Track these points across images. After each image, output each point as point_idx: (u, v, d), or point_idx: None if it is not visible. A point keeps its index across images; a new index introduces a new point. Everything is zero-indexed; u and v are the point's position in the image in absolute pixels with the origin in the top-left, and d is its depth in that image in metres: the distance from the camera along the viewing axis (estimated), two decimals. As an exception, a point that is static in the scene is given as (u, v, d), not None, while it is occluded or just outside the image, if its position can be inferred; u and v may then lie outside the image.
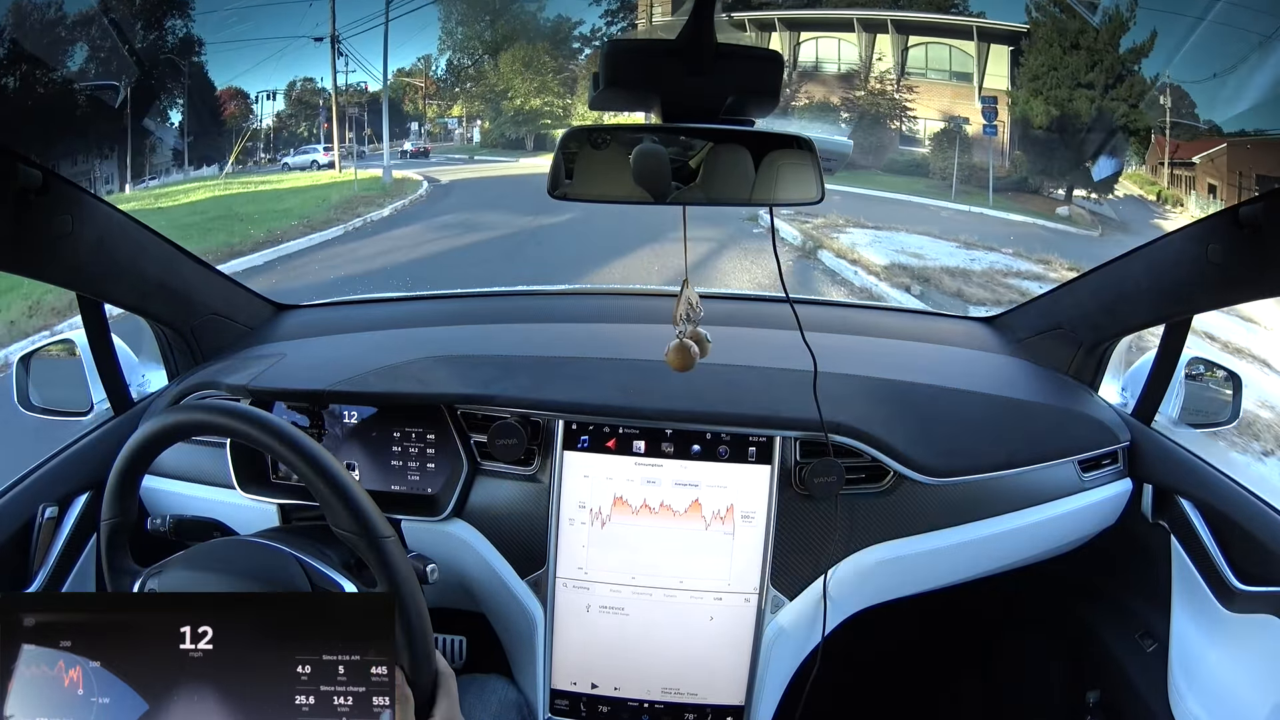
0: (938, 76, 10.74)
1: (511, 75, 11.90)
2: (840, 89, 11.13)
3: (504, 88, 12.07)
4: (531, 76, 11.84)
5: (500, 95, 12.16)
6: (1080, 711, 1.28)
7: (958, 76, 10.60)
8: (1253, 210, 0.89)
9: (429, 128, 12.39)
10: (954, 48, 10.59)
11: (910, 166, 10.80)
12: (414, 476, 1.12)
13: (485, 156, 12.04)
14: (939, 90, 10.71)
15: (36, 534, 1.06)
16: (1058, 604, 1.39)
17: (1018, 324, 1.43)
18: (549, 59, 11.92)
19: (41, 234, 0.91)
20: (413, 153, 11.96)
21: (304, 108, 11.36)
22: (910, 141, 10.94)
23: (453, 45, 12.21)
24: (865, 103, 11.02)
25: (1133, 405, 1.25)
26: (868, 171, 10.79)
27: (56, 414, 1.24)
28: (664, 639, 1.09)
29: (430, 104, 12.36)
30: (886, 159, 10.93)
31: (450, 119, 12.50)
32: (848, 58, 11.12)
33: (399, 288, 2.54)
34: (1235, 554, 1.07)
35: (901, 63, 10.86)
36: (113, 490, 0.76)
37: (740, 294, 1.57)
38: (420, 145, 12.13)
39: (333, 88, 10.91)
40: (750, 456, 1.08)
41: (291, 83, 11.18)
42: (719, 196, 0.78)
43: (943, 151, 10.45)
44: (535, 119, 12.01)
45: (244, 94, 10.72)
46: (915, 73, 10.88)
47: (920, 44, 10.84)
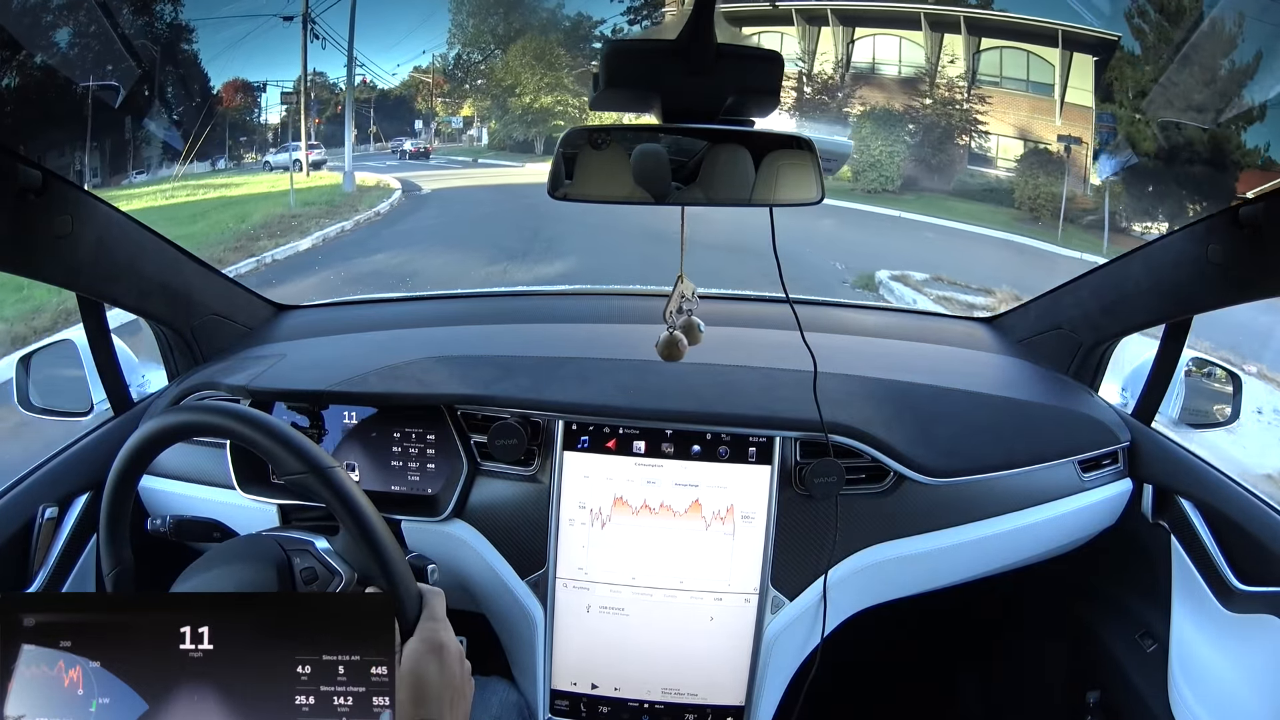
0: (1014, 86, 9.31)
1: (520, 69, 10.86)
2: (901, 95, 9.82)
3: (511, 82, 11.02)
4: (543, 71, 10.81)
5: (507, 91, 11.14)
6: (1080, 711, 1.28)
7: (1036, 87, 9.17)
8: (1253, 210, 0.89)
9: (436, 126, 11.69)
10: (1032, 54, 9.11)
11: (985, 192, 9.33)
12: (414, 477, 1.12)
13: (489, 160, 11.16)
14: (1015, 102, 9.30)
15: (36, 534, 1.06)
16: (1058, 604, 1.39)
17: (1018, 324, 1.43)
18: (563, 52, 10.86)
19: (41, 234, 0.91)
20: (412, 153, 11.13)
21: (314, 103, 10.67)
22: (980, 160, 9.56)
23: (463, 39, 11.27)
24: (932, 113, 9.65)
25: (1133, 405, 1.25)
26: (935, 195, 9.49)
27: (56, 414, 1.24)
28: (664, 639, 1.09)
29: (440, 102, 11.58)
30: (956, 181, 9.61)
31: (455, 118, 11.71)
32: (911, 59, 9.77)
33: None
34: (1235, 554, 1.07)
35: (972, 69, 9.47)
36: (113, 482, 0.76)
37: (740, 294, 1.57)
38: (421, 146, 11.32)
39: (302, 72, 9.85)
40: (750, 457, 1.08)
41: (301, 77, 10.49)
42: (719, 197, 0.78)
43: (1034, 178, 8.89)
44: (546, 119, 10.97)
45: (250, 86, 10.04)
46: (987, 80, 9.45)
47: (994, 48, 9.36)
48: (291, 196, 8.42)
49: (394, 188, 9.75)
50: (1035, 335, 1.37)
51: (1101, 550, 1.23)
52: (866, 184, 9.66)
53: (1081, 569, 1.29)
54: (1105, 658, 1.25)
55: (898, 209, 9.22)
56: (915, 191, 9.62)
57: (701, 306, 1.47)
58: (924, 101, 9.65)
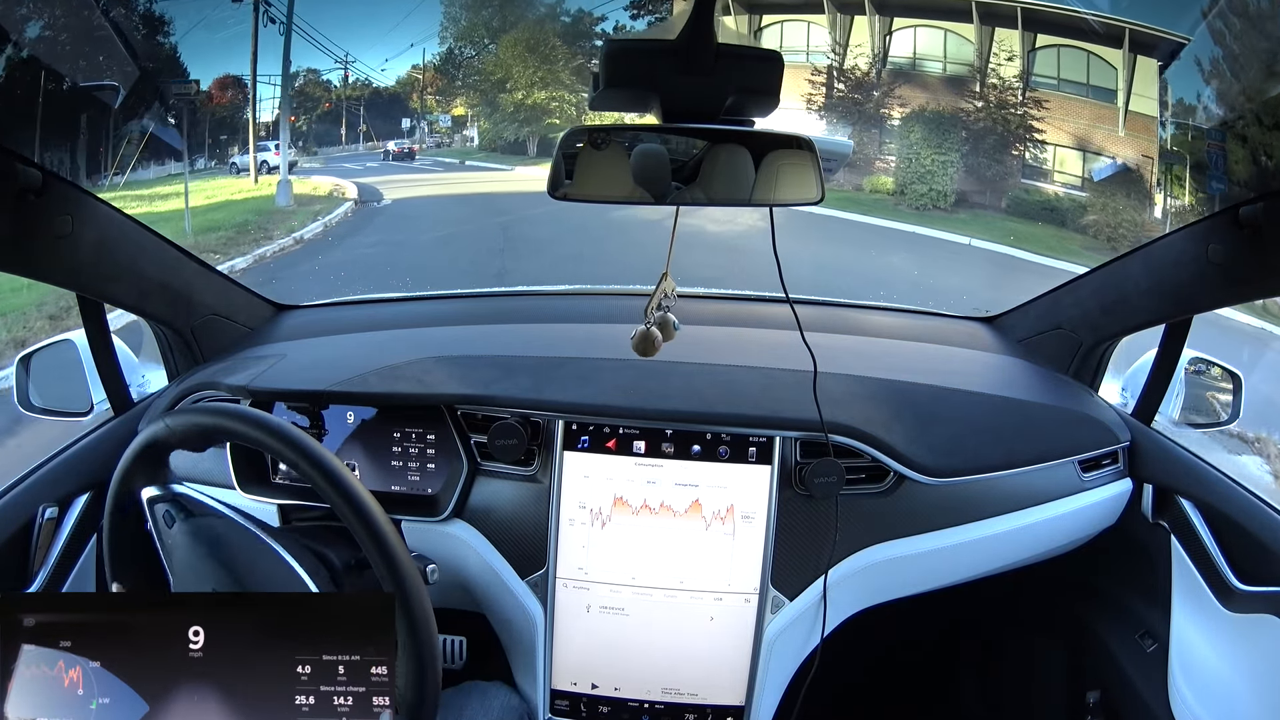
0: (1073, 91, 8.05)
1: (511, 61, 9.76)
2: (947, 96, 8.53)
3: (501, 76, 9.86)
4: (536, 64, 9.72)
5: (497, 86, 9.98)
6: (1080, 711, 1.28)
7: (1097, 92, 7.92)
8: (1253, 210, 0.89)
9: (430, 126, 10.73)
10: (1094, 55, 7.82)
11: (1044, 210, 7.99)
12: (414, 477, 1.12)
13: (477, 162, 10.09)
14: (1075, 108, 8.04)
15: (36, 534, 1.06)
16: (1058, 604, 1.39)
17: (1018, 324, 1.43)
18: (559, 43, 9.81)
19: (41, 234, 0.91)
20: (396, 154, 10.20)
21: (306, 100, 9.92)
22: (1035, 174, 8.27)
23: (455, 32, 10.21)
24: (985, 118, 8.31)
25: (1133, 405, 1.25)
26: (987, 213, 8.21)
27: (56, 414, 1.24)
28: (664, 639, 1.09)
29: (431, 99, 10.59)
30: (1010, 197, 8.28)
31: (443, 116, 10.61)
32: (958, 55, 8.47)
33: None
34: (1235, 554, 1.07)
35: (1027, 68, 8.21)
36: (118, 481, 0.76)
37: (740, 294, 1.57)
38: (405, 147, 10.33)
39: (252, 61, 8.49)
40: (750, 457, 1.08)
41: (294, 74, 9.57)
42: (718, 196, 0.78)
43: (1113, 199, 7.51)
44: (540, 116, 9.87)
45: (240, 83, 9.00)
46: (1044, 82, 8.18)
47: (1051, 45, 8.08)
48: (188, 220, 6.29)
49: (347, 198, 8.51)
50: (1035, 335, 1.37)
51: (1101, 550, 1.23)
52: (914, 199, 8.37)
53: (1081, 569, 1.29)
54: (1105, 658, 1.25)
55: (953, 230, 7.90)
56: (968, 209, 8.29)
57: (702, 306, 1.48)
58: (975, 104, 8.35)
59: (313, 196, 8.43)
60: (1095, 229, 7.52)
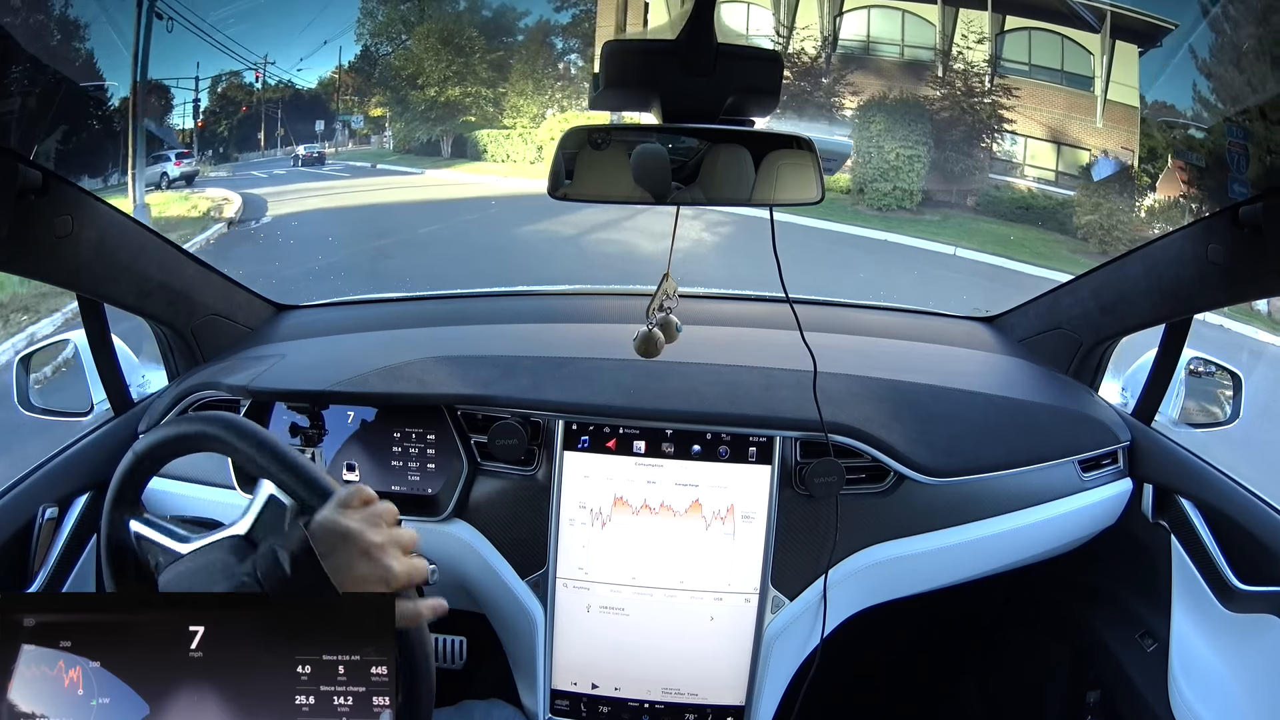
0: (1046, 78, 7.41)
1: (424, 55, 9.08)
2: (905, 83, 7.72)
3: (413, 72, 9.17)
4: (450, 57, 9.06)
5: (408, 83, 9.28)
6: (1080, 711, 1.28)
7: (1073, 79, 7.32)
8: (1253, 210, 0.89)
9: (350, 128, 9.91)
10: (1069, 39, 7.20)
11: (1019, 210, 7.22)
12: (414, 477, 1.12)
13: (389, 165, 9.34)
14: (1048, 97, 7.41)
15: (36, 534, 1.06)
16: (1058, 604, 1.39)
17: (1018, 324, 1.43)
18: (475, 34, 9.10)
19: (41, 234, 0.91)
20: (305, 159, 9.42)
21: (228, 105, 9.01)
22: (1005, 168, 7.59)
23: (372, 28, 9.41)
24: (950, 106, 7.51)
25: (1133, 405, 1.25)
26: (956, 212, 7.41)
27: (56, 414, 1.24)
28: (664, 639, 1.09)
29: (347, 100, 9.75)
30: (981, 195, 7.49)
31: (356, 117, 9.81)
32: (917, 38, 7.74)
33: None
34: (1235, 554, 1.07)
35: (996, 52, 7.48)
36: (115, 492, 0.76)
37: (740, 294, 1.57)
38: (315, 151, 9.51)
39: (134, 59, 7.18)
40: (751, 457, 1.08)
41: (216, 77, 8.71)
42: (718, 196, 0.78)
43: (1102, 197, 6.76)
44: (454, 114, 9.23)
45: (163, 88, 8.23)
46: (1014, 69, 7.47)
47: (1021, 28, 7.41)
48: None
49: (223, 217, 7.53)
50: (1035, 335, 1.37)
51: (1101, 550, 1.23)
52: (876, 199, 7.52)
53: (1081, 569, 1.29)
54: (1105, 658, 1.25)
55: (924, 234, 7.05)
56: (936, 208, 7.46)
57: (702, 306, 1.48)
58: (938, 92, 7.56)
59: (182, 220, 7.32)
60: (1086, 231, 6.88)
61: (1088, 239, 6.81)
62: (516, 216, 7.77)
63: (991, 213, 7.34)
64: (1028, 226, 7.13)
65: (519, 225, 7.49)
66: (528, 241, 7.07)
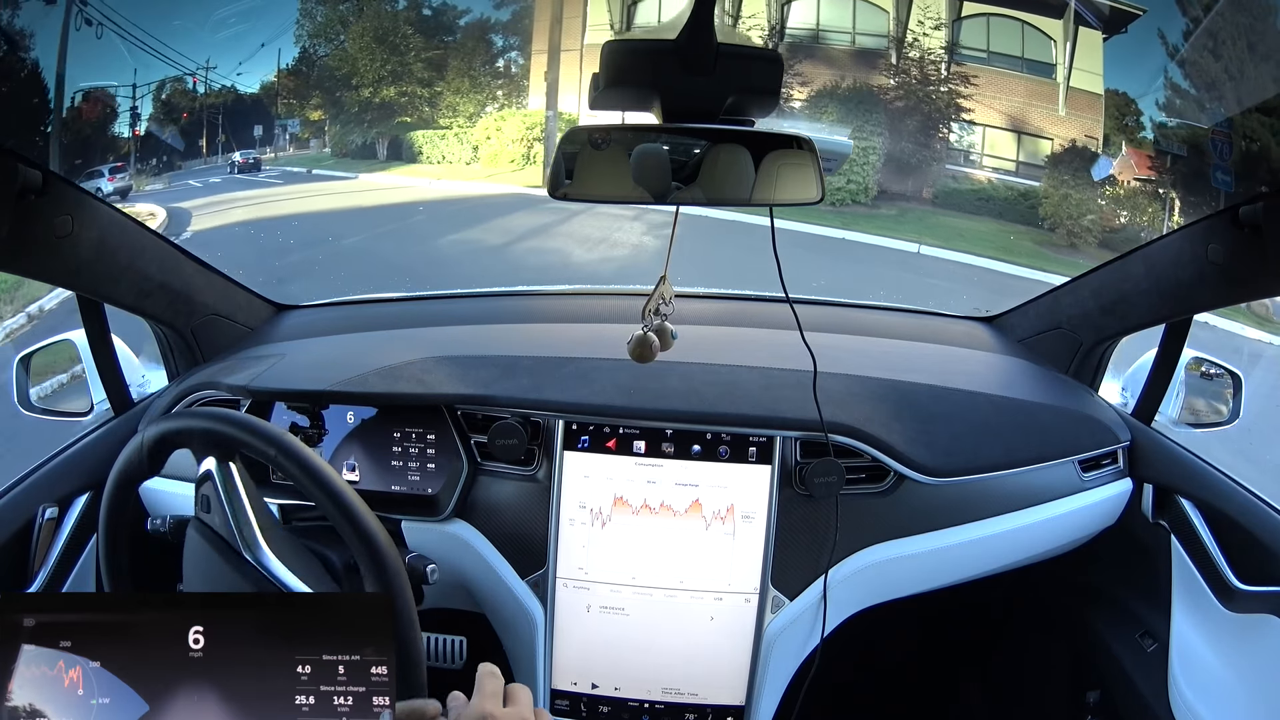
0: (1005, 65, 7.11)
1: (358, 54, 8.66)
2: (857, 72, 7.40)
3: (347, 72, 8.74)
4: (385, 56, 8.67)
5: (342, 84, 8.85)
6: (1080, 711, 1.28)
7: (1033, 66, 7.01)
8: (1253, 210, 0.88)
9: (291, 133, 9.27)
10: (1029, 25, 6.95)
11: (979, 202, 6.94)
12: (414, 477, 1.12)
13: (325, 171, 8.84)
14: (1008, 85, 7.12)
15: (36, 534, 1.06)
16: (1058, 604, 1.39)
17: (1018, 324, 1.43)
18: (411, 31, 8.70)
19: (41, 234, 0.91)
20: (241, 165, 8.93)
21: (171, 112, 8.38)
22: (963, 159, 7.30)
23: (311, 28, 8.89)
24: (905, 95, 7.26)
25: (1133, 405, 1.25)
26: (913, 206, 7.16)
27: (56, 414, 1.24)
28: (664, 639, 1.09)
29: (286, 103, 9.18)
30: (939, 186, 7.24)
31: (293, 120, 9.23)
32: (869, 26, 7.41)
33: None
34: (1235, 554, 1.07)
35: (952, 40, 7.16)
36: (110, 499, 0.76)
37: (740, 294, 1.57)
38: (251, 158, 8.99)
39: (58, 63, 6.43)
40: (750, 456, 1.08)
41: (160, 83, 8.07)
42: (718, 196, 0.78)
43: (1071, 187, 6.51)
44: (389, 115, 8.83)
45: (107, 96, 7.61)
46: (971, 55, 7.14)
47: (979, 14, 7.13)
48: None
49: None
50: (1035, 335, 1.37)
51: (1101, 550, 1.23)
52: (830, 194, 6.86)
53: (1081, 569, 1.29)
54: (1105, 658, 1.25)
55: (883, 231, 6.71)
56: (893, 203, 7.10)
57: (702, 306, 1.48)
58: (891, 82, 7.24)
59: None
60: (1053, 221, 6.55)
61: (1055, 229, 6.58)
62: (441, 225, 7.38)
63: (950, 205, 7.07)
64: (989, 219, 6.89)
65: (443, 235, 7.06)
66: (448, 255, 6.55)
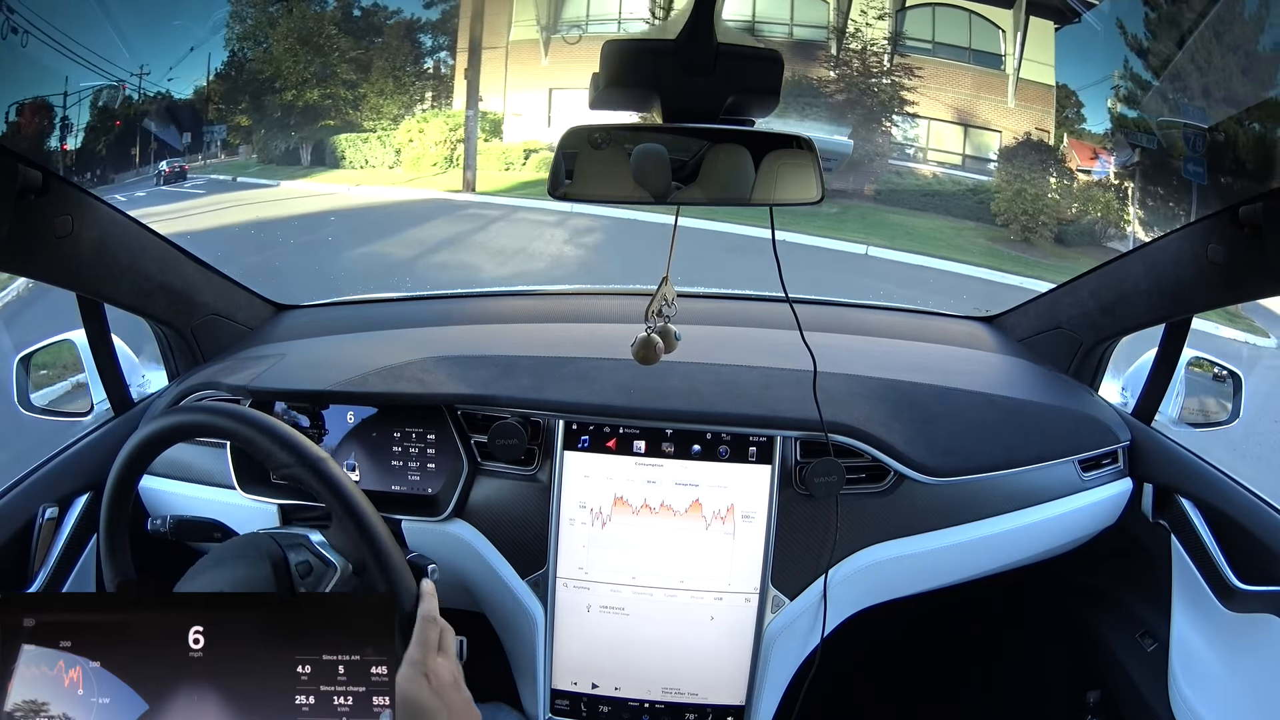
0: (951, 56, 6.93)
1: (282, 56, 8.35)
2: (796, 64, 7.06)
3: (270, 74, 8.41)
4: (309, 58, 8.36)
5: (266, 87, 8.53)
6: (1080, 711, 1.28)
7: (981, 57, 6.85)
8: (1253, 210, 0.88)
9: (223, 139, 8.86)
10: (975, 15, 6.81)
11: (925, 198, 6.72)
12: (414, 476, 1.12)
13: (250, 178, 8.48)
14: (954, 77, 6.93)
15: (36, 534, 1.06)
16: (1058, 604, 1.39)
17: (1018, 324, 1.43)
18: (336, 32, 8.40)
19: (41, 234, 0.91)
20: (166, 175, 8.52)
21: (106, 120, 8.00)
22: (907, 153, 7.11)
23: (240, 31, 8.59)
24: (846, 88, 7.01)
25: (1133, 405, 1.25)
26: (855, 203, 6.84)
27: (56, 414, 1.24)
28: (664, 639, 1.09)
29: (217, 108, 8.74)
30: (881, 182, 7.01)
31: (218, 127, 8.77)
32: (808, 17, 7.17)
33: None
34: (1235, 553, 1.07)
35: (896, 31, 7.00)
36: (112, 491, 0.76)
37: (740, 294, 1.57)
38: (177, 165, 8.53)
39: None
40: (751, 456, 1.08)
41: (91, 90, 7.69)
42: (719, 196, 0.78)
43: (1022, 180, 6.28)
44: (313, 118, 8.51)
45: (46, 106, 7.29)
46: (916, 46, 6.97)
47: (924, 4, 6.97)
48: None
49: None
50: (1035, 335, 1.37)
51: (1101, 550, 1.23)
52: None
53: (1081, 569, 1.29)
54: (1105, 658, 1.25)
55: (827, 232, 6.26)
56: (834, 199, 6.72)
57: (702, 306, 1.48)
58: (832, 74, 6.98)
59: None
60: (1007, 217, 6.36)
61: (1008, 225, 6.45)
62: (351, 236, 7.06)
63: (894, 202, 6.89)
64: (935, 215, 6.65)
65: (349, 249, 6.69)
66: (349, 272, 6.20)
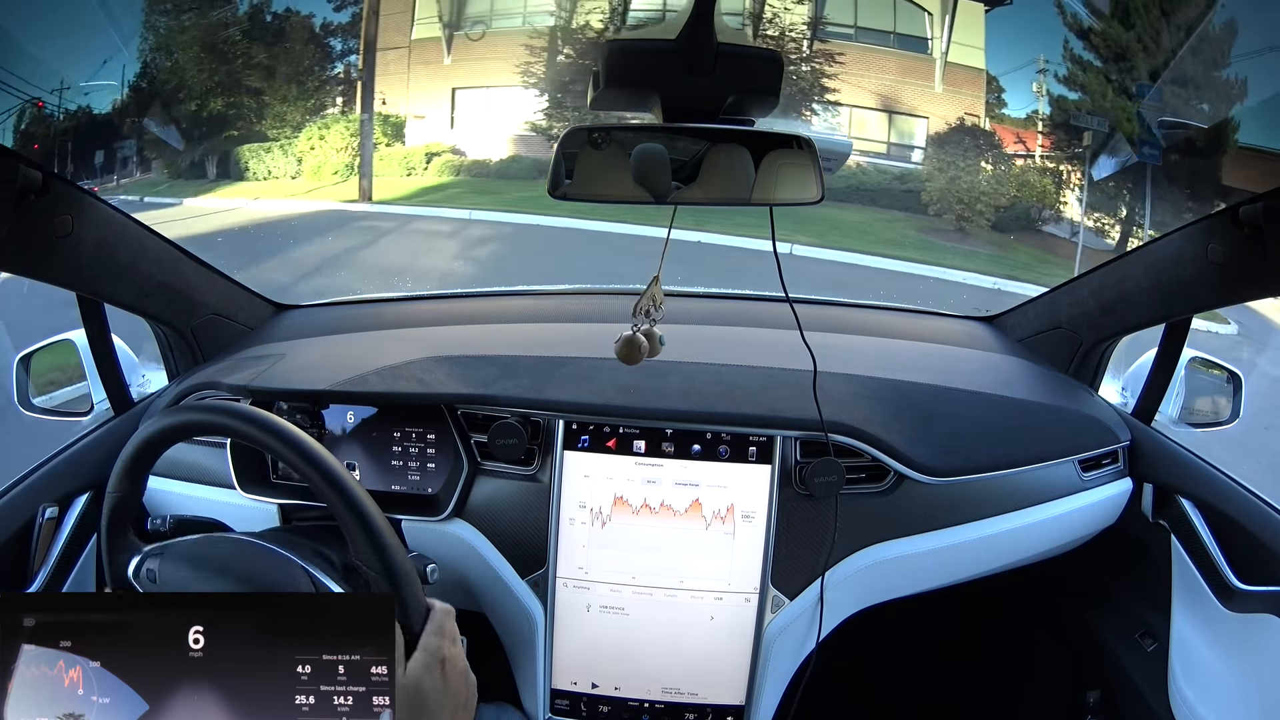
0: (874, 41, 6.74)
1: (186, 66, 7.92)
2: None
3: (174, 85, 7.98)
4: (214, 66, 7.93)
5: (171, 98, 8.05)
6: (1080, 711, 1.28)
7: (906, 41, 6.67)
8: (1253, 210, 0.89)
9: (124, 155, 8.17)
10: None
11: (851, 190, 6.46)
12: (414, 476, 1.12)
13: (156, 197, 7.91)
14: (878, 62, 6.73)
15: (36, 534, 1.06)
16: (1058, 604, 1.39)
17: (1018, 323, 1.43)
18: (240, 37, 8.04)
19: (41, 234, 0.91)
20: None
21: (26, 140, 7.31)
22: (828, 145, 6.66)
23: (154, 41, 8.06)
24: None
25: (1133, 405, 1.25)
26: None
27: (56, 414, 1.24)
28: (664, 639, 1.09)
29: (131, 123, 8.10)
30: None
31: (126, 143, 8.09)
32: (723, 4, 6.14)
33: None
34: (1235, 553, 1.07)
35: (816, 16, 6.79)
36: (122, 467, 0.76)
37: (740, 294, 1.57)
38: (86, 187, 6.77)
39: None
40: (750, 456, 1.08)
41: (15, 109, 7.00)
42: (719, 196, 0.78)
43: (956, 168, 6.14)
44: (217, 129, 8.08)
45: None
46: (837, 31, 6.74)
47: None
48: None
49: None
50: (1035, 334, 1.37)
51: (1101, 550, 1.23)
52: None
53: (1081, 569, 1.29)
54: (1105, 658, 1.25)
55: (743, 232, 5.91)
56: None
57: (701, 305, 1.48)
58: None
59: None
60: (940, 206, 6.14)
61: (941, 214, 6.27)
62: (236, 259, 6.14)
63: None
64: (861, 206, 6.39)
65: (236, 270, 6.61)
66: None
